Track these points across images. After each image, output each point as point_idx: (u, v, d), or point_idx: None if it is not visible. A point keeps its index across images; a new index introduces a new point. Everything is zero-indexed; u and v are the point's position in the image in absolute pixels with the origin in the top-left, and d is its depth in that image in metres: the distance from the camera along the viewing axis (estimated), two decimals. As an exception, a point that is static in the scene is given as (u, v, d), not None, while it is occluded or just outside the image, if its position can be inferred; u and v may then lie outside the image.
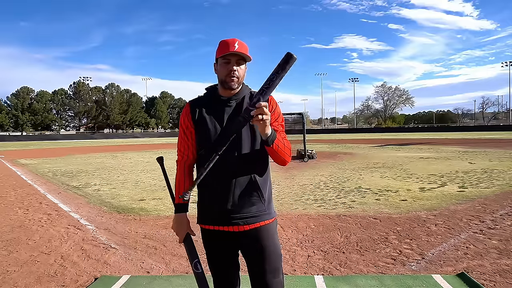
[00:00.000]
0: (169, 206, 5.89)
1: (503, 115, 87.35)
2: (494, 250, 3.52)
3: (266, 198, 1.62)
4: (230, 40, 1.55)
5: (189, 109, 1.67)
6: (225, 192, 1.56)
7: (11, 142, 50.33)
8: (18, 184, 8.91)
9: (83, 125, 80.00)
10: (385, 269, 3.14)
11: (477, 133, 46.78)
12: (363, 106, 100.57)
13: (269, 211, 1.64)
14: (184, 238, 1.68)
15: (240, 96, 1.63)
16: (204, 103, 1.66)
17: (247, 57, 1.57)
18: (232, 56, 1.54)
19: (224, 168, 1.54)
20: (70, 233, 4.47)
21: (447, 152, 15.98)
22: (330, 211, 5.32)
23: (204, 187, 1.62)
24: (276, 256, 1.64)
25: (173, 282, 2.97)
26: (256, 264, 1.63)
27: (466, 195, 6.19)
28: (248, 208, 1.57)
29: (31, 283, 3.00)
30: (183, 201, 1.64)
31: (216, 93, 1.66)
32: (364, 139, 35.70)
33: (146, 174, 10.32)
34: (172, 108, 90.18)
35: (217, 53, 1.58)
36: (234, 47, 1.51)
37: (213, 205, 1.60)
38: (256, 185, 1.58)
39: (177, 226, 1.68)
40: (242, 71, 1.59)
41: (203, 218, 1.66)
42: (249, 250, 1.64)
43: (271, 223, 1.65)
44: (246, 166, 1.56)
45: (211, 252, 1.68)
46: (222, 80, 1.58)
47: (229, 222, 1.58)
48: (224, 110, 1.61)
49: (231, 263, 1.70)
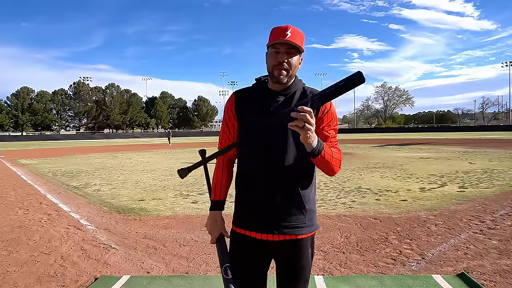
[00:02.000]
0: (169, 206, 5.90)
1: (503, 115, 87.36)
2: (494, 250, 3.52)
3: (307, 209, 1.46)
4: (282, 27, 1.38)
5: (233, 100, 1.53)
6: (265, 198, 1.44)
7: (11, 142, 50.34)
8: (18, 184, 8.91)
9: (83, 125, 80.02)
10: (385, 269, 3.14)
11: (477, 133, 46.78)
12: (363, 106, 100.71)
13: (309, 224, 1.48)
14: (217, 239, 1.56)
15: (291, 91, 1.45)
16: (250, 94, 1.51)
17: (300, 48, 1.38)
18: (282, 45, 1.37)
19: (264, 170, 1.43)
20: (70, 233, 4.47)
21: (447, 152, 15.97)
22: (330, 211, 5.32)
23: (242, 186, 1.52)
24: (307, 270, 1.52)
25: (173, 282, 2.97)
26: (286, 276, 1.52)
27: (466, 195, 6.19)
28: (287, 218, 1.44)
29: (31, 283, 3.00)
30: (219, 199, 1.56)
31: (264, 86, 1.49)
32: (364, 139, 35.70)
33: (146, 174, 10.31)
34: (172, 108, 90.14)
35: (268, 41, 1.41)
36: (286, 35, 1.34)
37: (250, 210, 1.48)
38: (298, 194, 1.43)
39: (211, 225, 1.56)
40: (294, 62, 1.40)
41: (237, 220, 1.54)
42: (281, 262, 1.53)
43: (309, 237, 1.50)
44: (289, 171, 1.42)
45: (240, 258, 1.53)
46: (270, 71, 1.42)
47: (264, 229, 1.45)
48: (270, 105, 1.44)
49: (260, 273, 1.56)
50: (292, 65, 1.39)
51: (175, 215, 5.28)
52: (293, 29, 1.37)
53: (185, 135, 71.78)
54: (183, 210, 5.65)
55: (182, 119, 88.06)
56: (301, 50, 1.40)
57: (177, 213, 5.44)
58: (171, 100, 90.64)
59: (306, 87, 1.50)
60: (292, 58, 1.39)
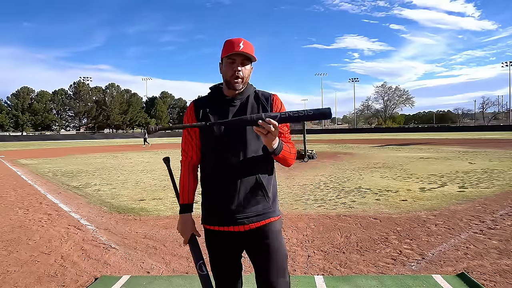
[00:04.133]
0: (169, 206, 5.90)
1: (503, 115, 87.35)
2: (494, 250, 3.52)
3: (271, 196, 1.60)
4: (235, 39, 1.52)
5: (193, 109, 1.65)
6: (229, 191, 1.54)
7: (11, 142, 50.36)
8: (18, 184, 8.91)
9: (83, 125, 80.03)
10: (385, 269, 3.14)
11: (477, 133, 46.77)
12: (363, 106, 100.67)
13: (273, 209, 1.61)
14: (189, 239, 1.66)
15: (245, 96, 1.61)
16: (208, 102, 1.64)
17: (252, 57, 1.54)
18: (237, 56, 1.52)
19: (228, 167, 1.53)
20: (70, 233, 4.47)
21: (447, 152, 15.97)
22: (330, 211, 5.32)
23: (208, 186, 1.61)
24: (281, 256, 1.60)
25: (173, 282, 2.97)
26: (262, 263, 1.59)
27: (466, 195, 6.19)
28: (253, 207, 1.55)
29: (31, 283, 3.00)
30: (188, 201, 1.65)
31: (220, 93, 1.63)
32: (364, 139, 35.70)
33: (146, 174, 10.31)
34: (172, 108, 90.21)
35: (222, 53, 1.55)
36: (239, 47, 1.49)
37: (218, 205, 1.57)
38: (261, 184, 1.56)
39: (182, 227, 1.66)
40: (247, 71, 1.56)
41: (207, 218, 1.64)
42: (254, 249, 1.61)
43: (276, 221, 1.62)
44: (251, 166, 1.54)
45: (214, 253, 1.65)
46: (227, 80, 1.56)
47: (234, 222, 1.55)
48: (228, 110, 1.59)
49: (235, 264, 1.67)
50: (246, 73, 1.56)
51: (175, 215, 5.28)
52: (245, 41, 1.52)
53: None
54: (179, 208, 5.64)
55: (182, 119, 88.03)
56: (253, 59, 1.56)
57: (177, 213, 5.41)
58: (171, 100, 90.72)
59: (258, 90, 1.66)
60: (245, 67, 1.55)
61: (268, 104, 1.61)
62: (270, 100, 1.62)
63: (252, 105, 1.60)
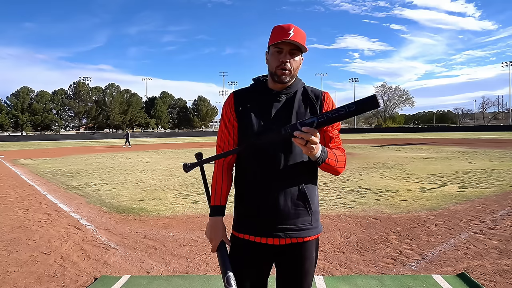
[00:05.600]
0: (169, 206, 5.90)
1: (503, 115, 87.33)
2: (494, 250, 3.52)
3: (313, 209, 1.42)
4: (285, 26, 1.34)
5: (233, 100, 1.46)
6: (268, 199, 1.37)
7: (11, 142, 50.32)
8: (18, 184, 8.90)
9: (83, 125, 79.97)
10: (385, 269, 3.13)
11: (477, 133, 46.78)
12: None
13: (315, 225, 1.43)
14: (218, 247, 1.45)
15: (292, 90, 1.42)
16: (250, 95, 1.46)
17: (303, 48, 1.35)
18: (285, 45, 1.33)
19: (269, 172, 1.37)
20: (70, 233, 4.47)
21: (447, 152, 15.97)
22: (330, 211, 5.32)
23: (244, 190, 1.45)
24: (310, 276, 1.46)
25: (173, 282, 2.97)
26: (288, 283, 1.45)
27: (466, 195, 6.19)
28: (293, 220, 1.38)
29: (31, 283, 3.00)
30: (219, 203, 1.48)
31: (264, 86, 1.45)
32: (364, 139, 35.69)
33: (146, 174, 10.31)
34: (172, 108, 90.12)
35: (269, 40, 1.37)
36: (289, 35, 1.30)
37: (252, 212, 1.41)
38: (304, 195, 1.38)
39: (211, 232, 1.46)
40: (296, 63, 1.37)
41: (238, 226, 1.47)
42: (284, 266, 1.45)
43: (315, 240, 1.45)
44: (294, 172, 1.37)
45: (243, 264, 1.45)
46: (272, 71, 1.38)
47: (269, 233, 1.38)
48: (272, 105, 1.41)
49: (262, 278, 1.50)
50: (294, 65, 1.37)
51: (175, 215, 5.28)
52: (296, 28, 1.33)
53: (185, 135, 71.79)
54: (183, 210, 5.65)
55: (182, 119, 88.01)
56: (303, 50, 1.37)
57: (177, 213, 5.44)
58: (171, 100, 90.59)
59: (307, 86, 1.47)
60: (294, 59, 1.36)
61: (318, 102, 1.42)
62: (320, 99, 1.43)
63: (299, 102, 1.42)
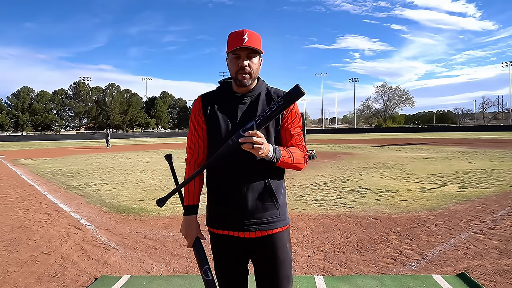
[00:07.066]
0: (169, 206, 5.89)
1: (503, 115, 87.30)
2: (494, 250, 3.52)
3: (280, 203, 1.50)
4: (239, 32, 1.40)
5: (200, 104, 1.53)
6: (236, 195, 1.45)
7: (11, 142, 50.33)
8: (19, 184, 8.91)
9: (83, 125, 79.97)
10: (385, 269, 3.14)
11: (477, 133, 46.77)
12: (363, 106, 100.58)
13: (283, 218, 1.52)
14: (194, 243, 1.56)
15: (256, 93, 1.50)
16: (217, 98, 1.53)
17: (259, 50, 1.42)
18: (241, 51, 1.40)
19: (236, 170, 1.44)
20: (70, 233, 4.47)
21: (447, 152, 15.97)
22: (330, 211, 5.32)
23: (215, 188, 1.52)
24: (287, 265, 1.52)
25: (173, 282, 2.97)
26: (266, 274, 1.51)
27: (466, 195, 6.19)
28: (261, 214, 1.46)
29: (31, 283, 3.00)
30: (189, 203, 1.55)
31: (230, 89, 1.52)
32: (364, 139, 35.69)
33: (146, 174, 10.32)
34: (172, 108, 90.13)
35: (227, 48, 1.44)
36: (243, 40, 1.37)
37: (223, 208, 1.49)
38: (270, 189, 1.46)
39: (186, 230, 1.55)
40: (255, 65, 1.43)
41: (212, 222, 1.55)
42: (259, 258, 1.53)
43: (284, 231, 1.53)
44: (260, 169, 1.44)
45: (220, 257, 1.56)
46: (234, 76, 1.45)
47: (239, 227, 1.46)
48: (237, 108, 1.48)
49: (240, 270, 1.57)
50: (254, 67, 1.44)
51: (175, 215, 5.28)
52: (250, 32, 1.40)
53: (185, 135, 71.62)
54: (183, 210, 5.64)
55: (182, 119, 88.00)
56: (259, 52, 1.44)
57: (177, 213, 5.44)
58: (171, 100, 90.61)
59: (270, 87, 1.55)
60: (253, 61, 1.43)
61: None
62: None
63: (263, 103, 1.49)
